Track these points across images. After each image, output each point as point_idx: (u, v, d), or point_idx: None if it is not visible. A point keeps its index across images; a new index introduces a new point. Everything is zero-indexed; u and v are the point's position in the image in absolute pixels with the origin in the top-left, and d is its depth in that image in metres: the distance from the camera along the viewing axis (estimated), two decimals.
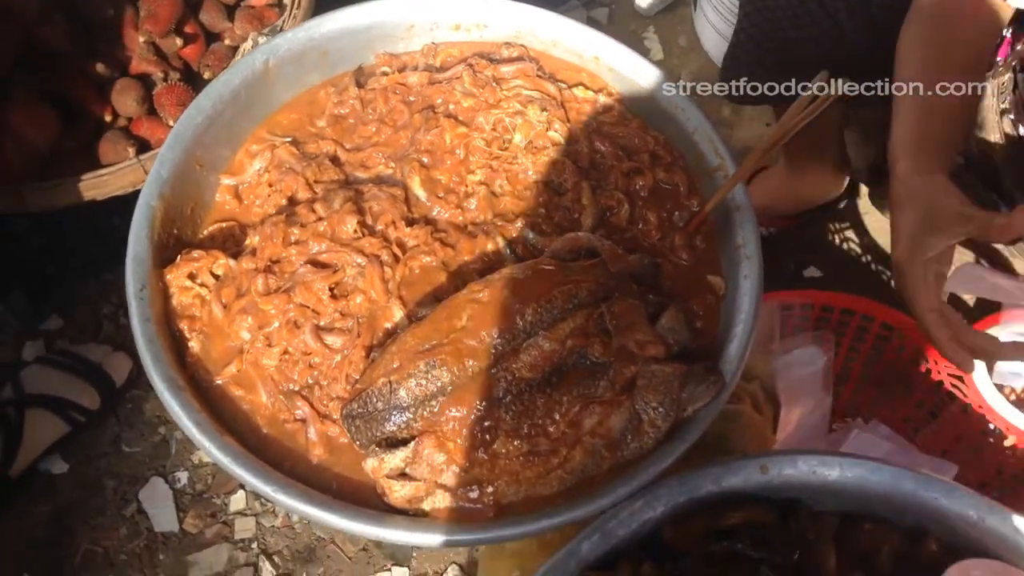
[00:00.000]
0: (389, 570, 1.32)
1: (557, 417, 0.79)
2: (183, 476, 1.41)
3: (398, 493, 0.79)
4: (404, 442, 0.79)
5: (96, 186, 1.37)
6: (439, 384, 0.78)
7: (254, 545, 1.36)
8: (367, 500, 0.81)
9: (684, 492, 0.80)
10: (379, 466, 0.78)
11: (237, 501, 1.39)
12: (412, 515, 0.80)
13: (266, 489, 0.78)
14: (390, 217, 0.93)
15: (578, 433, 0.80)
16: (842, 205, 1.66)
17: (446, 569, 1.30)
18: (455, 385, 0.79)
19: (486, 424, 0.77)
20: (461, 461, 0.78)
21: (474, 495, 0.79)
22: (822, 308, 1.15)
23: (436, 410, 0.78)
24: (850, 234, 1.66)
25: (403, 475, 0.79)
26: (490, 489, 0.79)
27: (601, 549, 0.78)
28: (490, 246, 0.91)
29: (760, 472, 0.83)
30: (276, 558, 1.35)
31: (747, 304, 0.90)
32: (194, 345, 0.88)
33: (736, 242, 0.93)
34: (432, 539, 0.77)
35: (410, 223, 0.94)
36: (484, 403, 0.78)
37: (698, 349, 0.89)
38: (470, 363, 0.79)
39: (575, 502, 0.79)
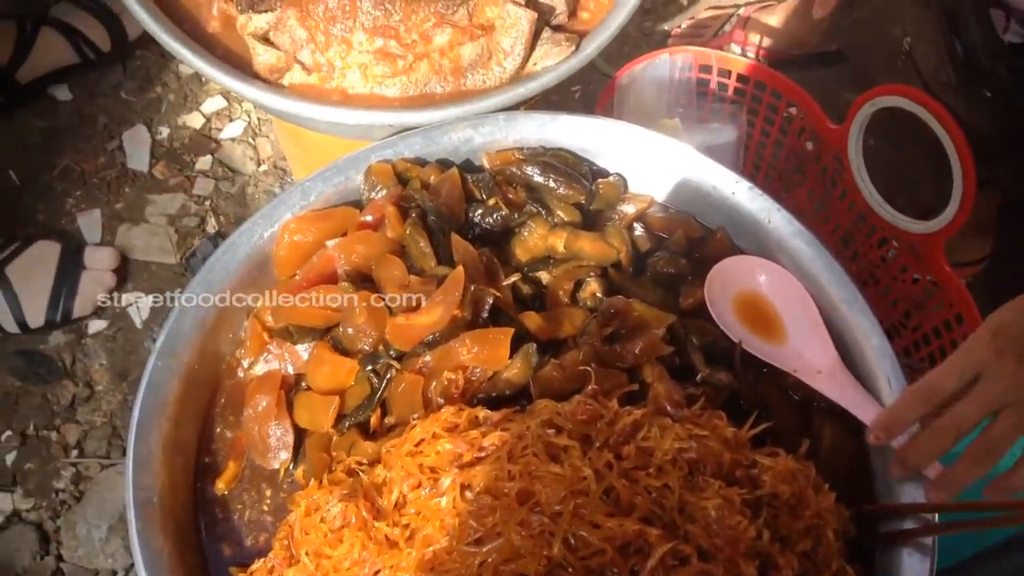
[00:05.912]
0: None
1: (411, 25, 0.87)
2: (165, 131, 1.56)
3: (261, 58, 0.89)
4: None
5: None
6: None
7: (207, 203, 1.50)
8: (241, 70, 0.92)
9: (508, 129, 0.88)
10: (247, 23, 0.88)
11: (204, 163, 1.53)
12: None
13: (154, 27, 0.89)
14: None
15: (427, 47, 0.88)
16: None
17: None
18: None
19: (347, 10, 0.86)
20: (319, 40, 0.87)
21: (324, 74, 0.88)
22: (739, 79, 1.18)
23: None
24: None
25: (268, 40, 0.89)
26: (340, 76, 0.88)
27: (421, 152, 0.88)
28: None
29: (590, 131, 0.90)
30: (222, 218, 1.49)
31: (626, 8, 0.95)
32: None
33: None
34: (281, 103, 0.87)
35: None
36: None
37: (574, 33, 0.95)
38: None
39: (411, 108, 0.88)
